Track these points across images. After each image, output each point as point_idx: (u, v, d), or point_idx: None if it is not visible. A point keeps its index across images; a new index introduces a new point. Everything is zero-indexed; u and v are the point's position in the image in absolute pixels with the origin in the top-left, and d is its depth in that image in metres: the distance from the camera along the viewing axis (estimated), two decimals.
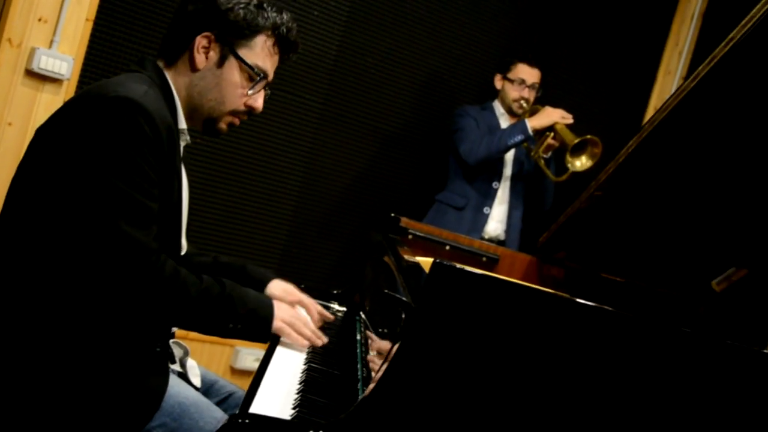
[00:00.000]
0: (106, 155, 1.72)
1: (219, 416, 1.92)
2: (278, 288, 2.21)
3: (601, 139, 3.85)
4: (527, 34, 4.54)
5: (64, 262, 1.75)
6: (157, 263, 1.78)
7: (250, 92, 2.02)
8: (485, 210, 4.08)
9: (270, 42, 2.02)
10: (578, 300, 1.45)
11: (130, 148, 1.73)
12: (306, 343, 2.01)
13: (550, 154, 4.04)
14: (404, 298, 1.59)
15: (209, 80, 1.98)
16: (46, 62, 3.27)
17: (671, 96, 1.87)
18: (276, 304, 2.00)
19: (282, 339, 2.04)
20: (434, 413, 1.38)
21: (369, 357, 1.82)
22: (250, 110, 2.05)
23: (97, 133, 1.73)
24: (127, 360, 1.83)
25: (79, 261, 1.74)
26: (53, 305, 1.76)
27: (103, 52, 3.46)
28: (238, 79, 2.00)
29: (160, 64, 1.99)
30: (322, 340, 2.05)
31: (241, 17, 1.96)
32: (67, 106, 1.84)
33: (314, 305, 2.22)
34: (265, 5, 2.00)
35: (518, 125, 3.93)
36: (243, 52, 1.98)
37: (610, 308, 1.44)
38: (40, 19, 3.28)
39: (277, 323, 1.97)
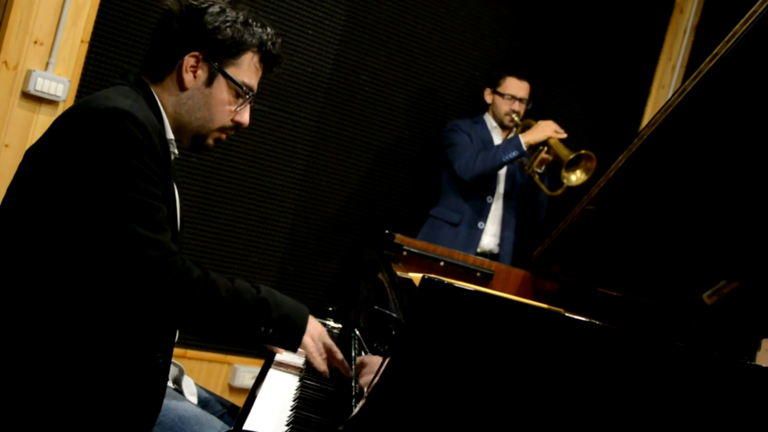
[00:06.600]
0: (106, 165, 1.73)
1: (218, 426, 1.93)
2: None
3: (596, 153, 3.88)
4: (520, 48, 4.57)
5: (75, 275, 1.75)
6: (183, 266, 1.77)
7: (237, 109, 2.02)
8: (480, 225, 4.10)
9: (256, 58, 2.02)
10: (567, 314, 1.46)
11: (128, 155, 1.74)
12: (323, 369, 1.96)
13: (544, 168, 4.07)
14: (395, 314, 1.60)
15: (198, 99, 1.98)
16: (42, 84, 3.30)
17: (659, 111, 1.88)
18: (311, 319, 1.97)
19: (277, 357, 2.05)
20: (425, 428, 1.38)
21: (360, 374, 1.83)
22: (237, 126, 2.06)
23: (93, 146, 1.74)
24: (132, 371, 1.82)
25: (95, 272, 1.74)
26: (61, 320, 1.76)
27: (99, 73, 3.48)
28: (226, 96, 2.00)
29: (145, 79, 1.99)
30: (324, 370, 1.98)
31: (229, 36, 1.96)
32: (57, 124, 1.85)
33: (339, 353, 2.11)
34: (250, 21, 2.00)
35: (512, 141, 3.95)
36: (231, 71, 1.99)
37: (600, 323, 1.45)
38: (35, 42, 3.31)
39: (307, 338, 1.94)
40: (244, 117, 2.05)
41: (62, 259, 1.76)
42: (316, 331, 1.97)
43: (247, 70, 2.01)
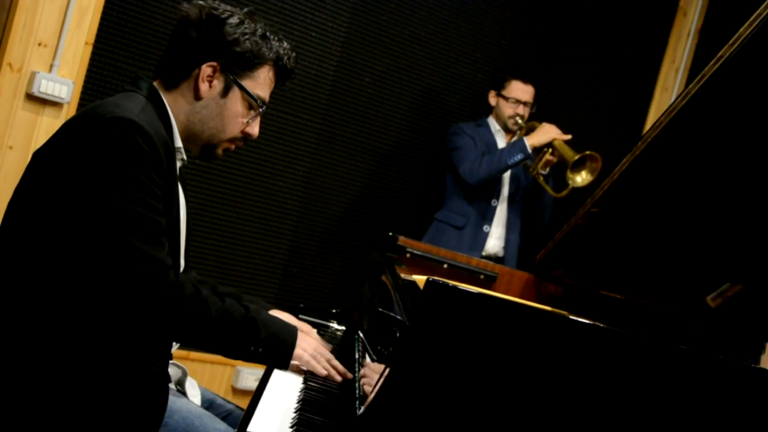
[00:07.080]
0: (108, 176, 1.74)
1: (222, 428, 1.94)
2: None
3: (599, 156, 3.88)
4: (523, 51, 4.57)
5: (72, 283, 1.76)
6: (176, 282, 1.79)
7: (249, 121, 2.04)
8: (485, 228, 4.09)
9: (272, 72, 2.05)
10: (571, 316, 1.46)
11: (131, 166, 1.75)
12: (324, 372, 1.99)
13: (548, 170, 4.07)
14: (399, 317, 1.61)
15: (212, 109, 2.00)
16: (46, 86, 3.30)
17: (663, 114, 1.88)
18: (300, 335, 2.01)
19: None
20: (429, 430, 1.38)
21: (362, 375, 1.83)
22: (246, 137, 2.08)
23: (97, 154, 1.75)
24: (130, 380, 1.83)
25: (91, 281, 1.75)
26: (58, 326, 1.77)
27: (103, 75, 3.49)
28: (240, 108, 2.02)
29: (157, 85, 1.99)
30: (338, 377, 2.01)
31: (248, 49, 1.97)
32: (65, 129, 1.85)
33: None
34: (268, 35, 2.02)
35: (517, 144, 3.95)
36: (247, 83, 2.00)
37: (604, 325, 1.45)
38: (40, 44, 3.31)
39: (299, 351, 1.97)
40: (255, 129, 2.08)
41: (63, 265, 1.77)
42: (307, 344, 2.00)
43: (262, 83, 2.03)
